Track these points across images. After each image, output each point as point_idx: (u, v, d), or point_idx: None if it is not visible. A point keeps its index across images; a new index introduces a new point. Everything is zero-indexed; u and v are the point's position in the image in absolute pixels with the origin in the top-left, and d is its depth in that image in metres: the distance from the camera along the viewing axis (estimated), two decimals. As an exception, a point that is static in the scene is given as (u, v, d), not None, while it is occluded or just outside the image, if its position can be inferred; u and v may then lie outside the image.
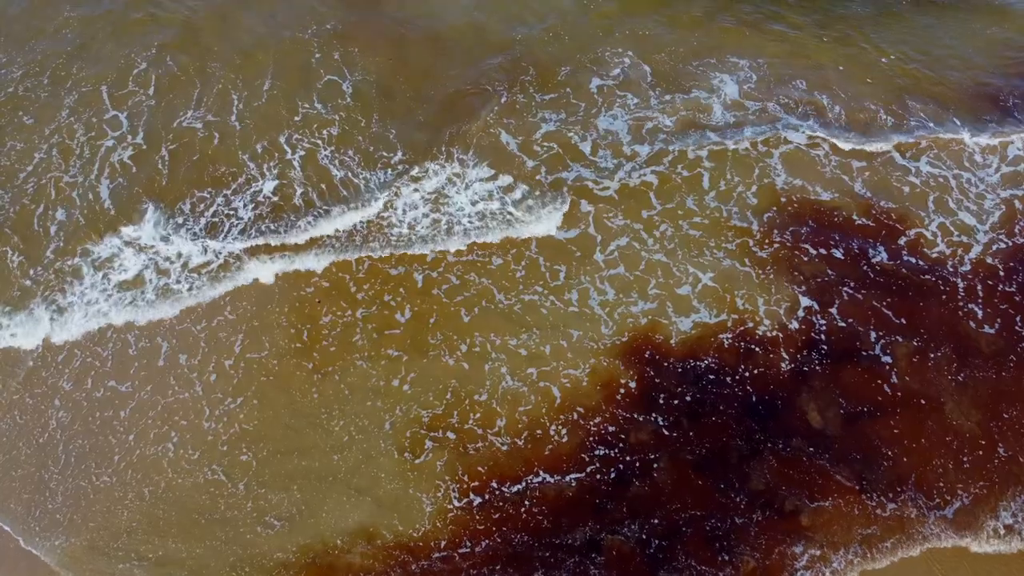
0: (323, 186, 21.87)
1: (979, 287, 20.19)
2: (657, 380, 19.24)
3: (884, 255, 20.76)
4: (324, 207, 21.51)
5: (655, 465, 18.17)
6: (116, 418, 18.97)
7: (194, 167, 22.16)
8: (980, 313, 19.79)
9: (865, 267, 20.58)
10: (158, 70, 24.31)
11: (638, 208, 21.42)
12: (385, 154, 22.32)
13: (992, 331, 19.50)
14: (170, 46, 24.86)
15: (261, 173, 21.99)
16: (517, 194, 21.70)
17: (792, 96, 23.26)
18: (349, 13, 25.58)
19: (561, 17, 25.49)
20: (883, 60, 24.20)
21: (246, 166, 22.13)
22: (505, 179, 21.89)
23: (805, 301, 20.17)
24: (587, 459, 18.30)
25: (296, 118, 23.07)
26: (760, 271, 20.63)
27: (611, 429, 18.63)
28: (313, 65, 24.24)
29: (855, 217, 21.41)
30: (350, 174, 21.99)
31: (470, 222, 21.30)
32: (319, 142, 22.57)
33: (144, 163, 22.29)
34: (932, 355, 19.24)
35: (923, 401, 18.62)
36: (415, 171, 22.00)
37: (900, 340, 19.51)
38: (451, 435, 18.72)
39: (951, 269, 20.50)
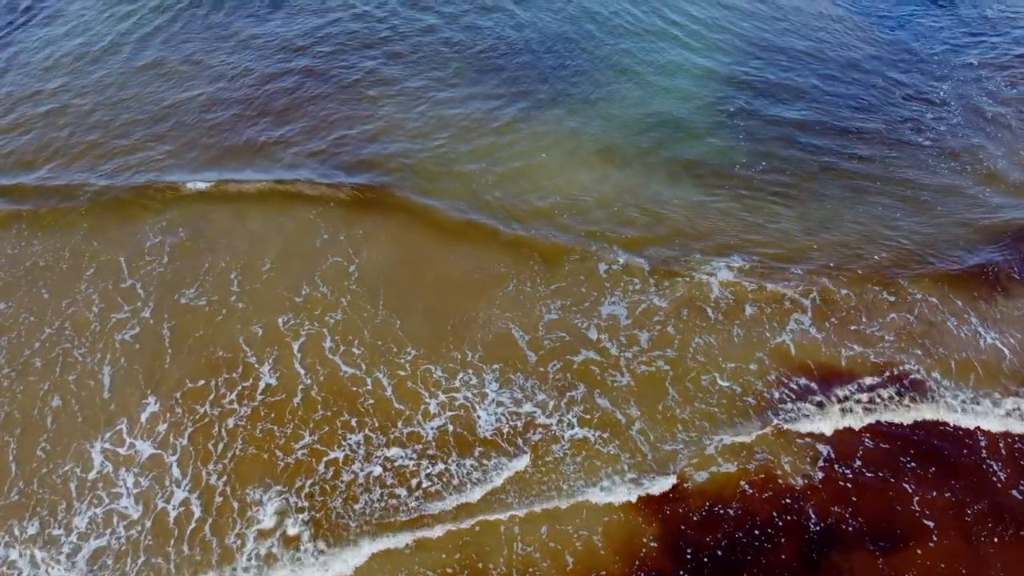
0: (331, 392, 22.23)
1: (1000, 444, 20.97)
2: (683, 527, 19.29)
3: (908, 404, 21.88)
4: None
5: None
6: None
7: (195, 349, 22.92)
8: (1003, 476, 20.42)
9: (881, 419, 21.55)
10: (170, 240, 26.01)
11: (653, 391, 22.34)
12: (394, 348, 23.09)
13: (1020, 496, 19.90)
14: (182, 222, 26.70)
15: (261, 361, 22.67)
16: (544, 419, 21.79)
17: (791, 277, 25.22)
18: (354, 196, 27.73)
19: (562, 201, 27.80)
20: (870, 247, 26.55)
21: (245, 352, 22.87)
22: (526, 391, 22.28)
23: (825, 450, 20.74)
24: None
25: (297, 299, 24.29)
26: (772, 427, 21.36)
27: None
28: (318, 246, 26.00)
29: (867, 376, 22.61)
30: (358, 372, 22.53)
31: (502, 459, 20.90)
32: (324, 331, 23.47)
33: (148, 341, 23.14)
34: (968, 513, 19.49)
35: (966, 572, 18.59)
36: (428, 366, 22.61)
37: (934, 496, 19.85)
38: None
39: (968, 424, 21.45)
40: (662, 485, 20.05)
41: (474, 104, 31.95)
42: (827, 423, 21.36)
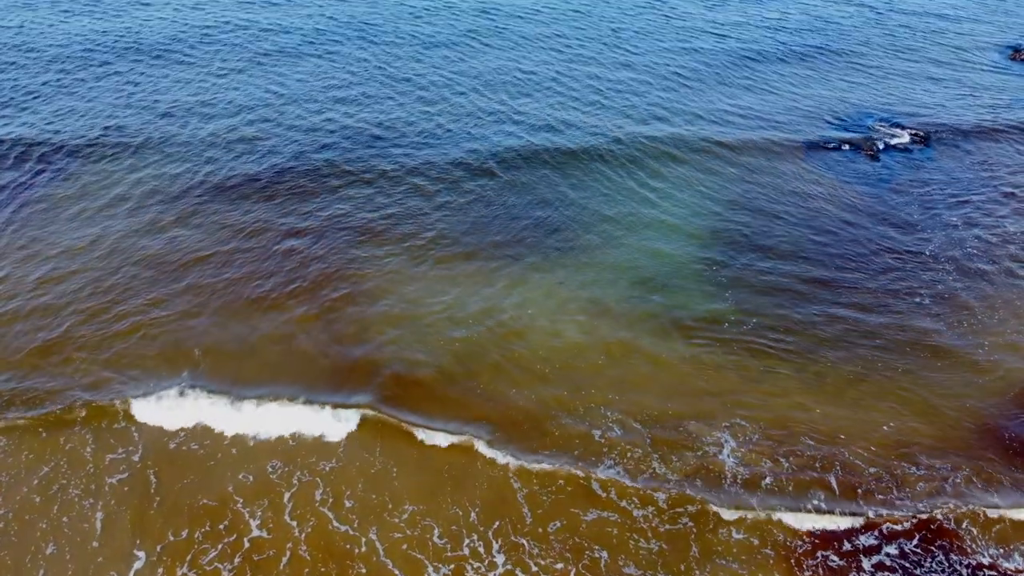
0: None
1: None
2: None
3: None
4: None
5: None
6: None
7: (183, 498, 23.16)
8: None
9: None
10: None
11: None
12: (390, 504, 23.17)
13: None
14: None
15: (252, 515, 22.72)
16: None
17: (805, 455, 25.20)
18: (347, 350, 28.42)
19: (550, 363, 28.10)
20: (877, 402, 26.95)
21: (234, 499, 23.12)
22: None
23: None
24: None
25: (291, 443, 24.76)
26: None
27: None
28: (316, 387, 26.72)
29: (890, 523, 23.03)
30: (350, 529, 22.42)
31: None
32: (319, 480, 23.70)
33: (137, 486, 23.49)
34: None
35: None
36: (427, 522, 22.60)
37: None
38: None
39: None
40: None
41: (464, 284, 32.11)
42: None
